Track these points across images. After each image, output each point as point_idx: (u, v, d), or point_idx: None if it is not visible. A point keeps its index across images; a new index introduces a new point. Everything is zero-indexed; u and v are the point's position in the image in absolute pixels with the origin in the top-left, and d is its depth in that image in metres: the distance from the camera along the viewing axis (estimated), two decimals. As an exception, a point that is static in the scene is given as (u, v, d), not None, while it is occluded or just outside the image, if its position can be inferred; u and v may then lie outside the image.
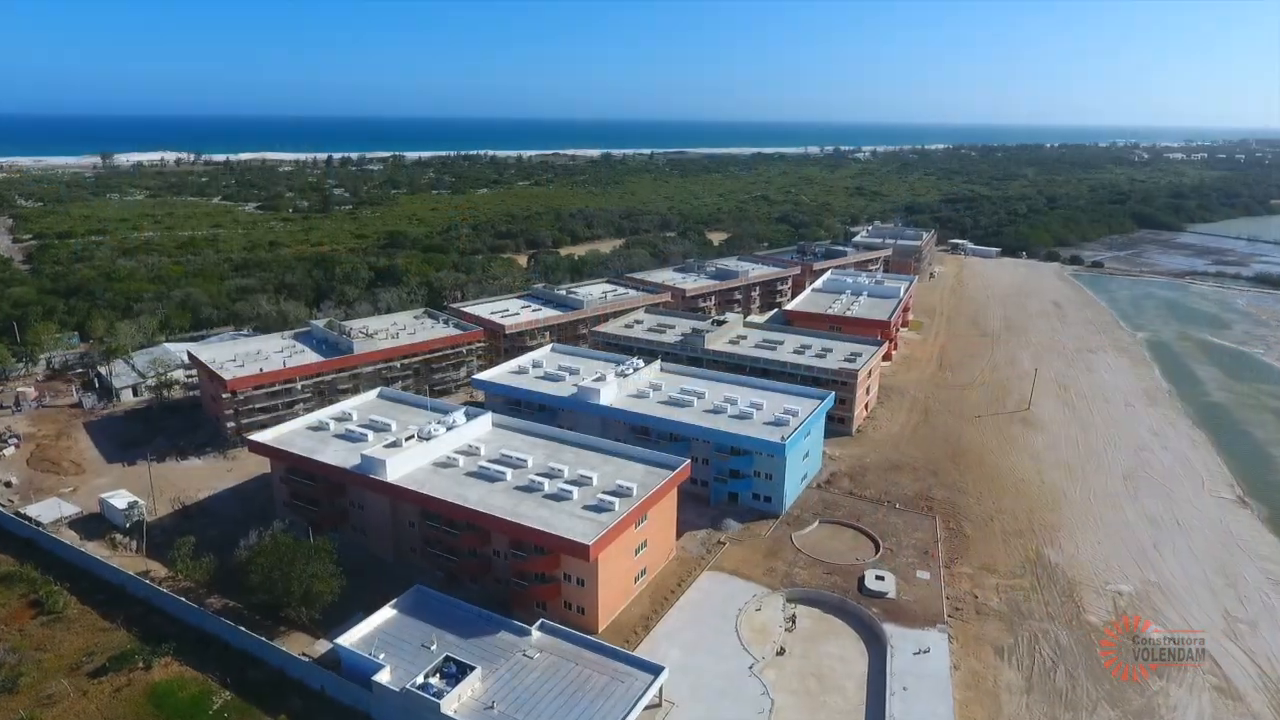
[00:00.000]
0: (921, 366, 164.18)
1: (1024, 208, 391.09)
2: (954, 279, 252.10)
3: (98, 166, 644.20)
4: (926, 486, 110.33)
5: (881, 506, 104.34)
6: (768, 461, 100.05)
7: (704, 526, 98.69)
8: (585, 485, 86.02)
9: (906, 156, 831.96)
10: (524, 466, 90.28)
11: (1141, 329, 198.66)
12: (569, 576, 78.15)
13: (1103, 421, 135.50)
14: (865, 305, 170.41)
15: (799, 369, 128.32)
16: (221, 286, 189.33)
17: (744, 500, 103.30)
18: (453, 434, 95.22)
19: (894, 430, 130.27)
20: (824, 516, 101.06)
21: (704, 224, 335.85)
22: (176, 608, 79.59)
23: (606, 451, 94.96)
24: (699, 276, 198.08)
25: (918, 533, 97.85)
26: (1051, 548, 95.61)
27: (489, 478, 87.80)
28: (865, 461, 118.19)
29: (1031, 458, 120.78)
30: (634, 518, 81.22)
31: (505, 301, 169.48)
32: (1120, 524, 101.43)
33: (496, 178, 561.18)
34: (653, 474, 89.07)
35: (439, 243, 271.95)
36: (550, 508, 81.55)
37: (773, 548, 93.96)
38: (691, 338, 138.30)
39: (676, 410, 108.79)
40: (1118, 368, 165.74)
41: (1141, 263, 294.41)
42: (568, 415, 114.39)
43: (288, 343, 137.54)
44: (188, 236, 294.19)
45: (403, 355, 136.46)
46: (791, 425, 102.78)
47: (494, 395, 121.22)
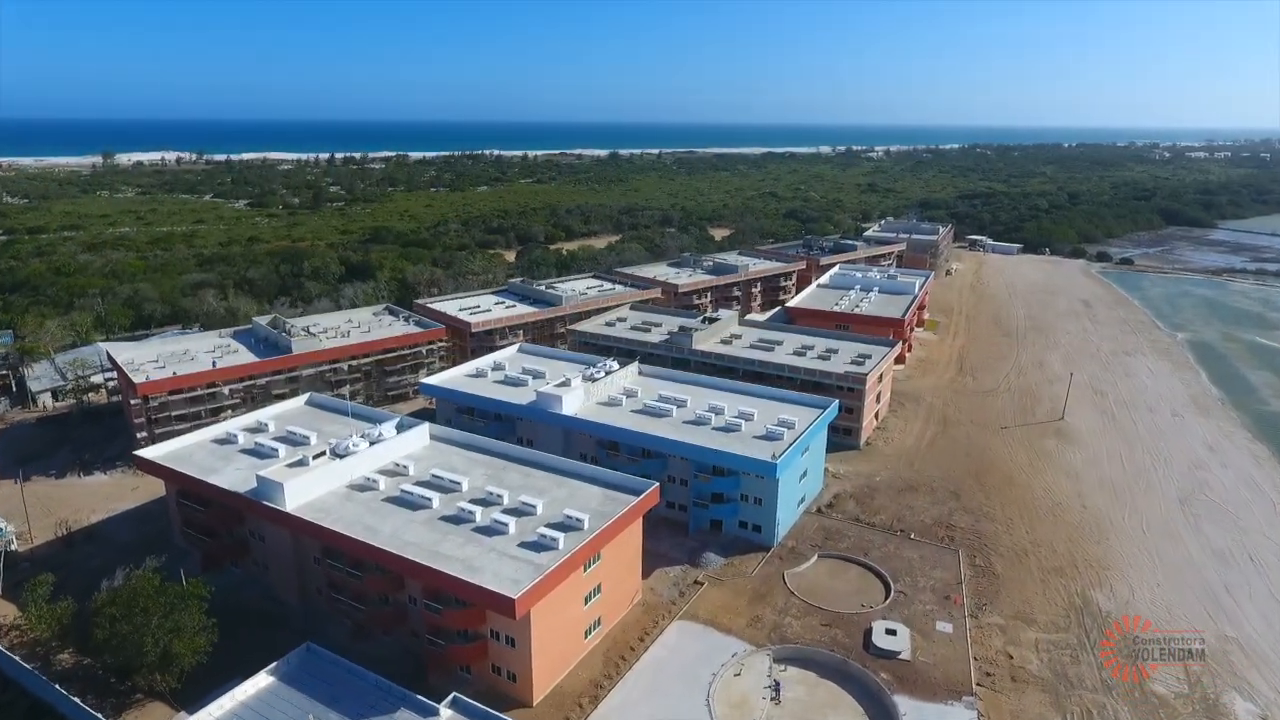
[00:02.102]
0: (939, 370, 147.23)
1: (1045, 203, 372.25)
2: (973, 276, 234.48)
3: (97, 166, 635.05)
4: (947, 512, 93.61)
5: (894, 536, 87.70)
6: (756, 484, 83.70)
7: (679, 561, 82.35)
8: (527, 515, 69.96)
9: (920, 156, 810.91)
10: (457, 491, 74.36)
11: (1181, 329, 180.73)
12: (497, 635, 62.08)
13: (1148, 433, 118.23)
14: (876, 302, 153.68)
15: (799, 373, 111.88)
16: (176, 282, 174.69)
17: (729, 529, 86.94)
18: (377, 450, 79.43)
19: (908, 443, 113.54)
20: (824, 549, 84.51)
21: (707, 220, 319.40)
22: (11, 668, 64.11)
23: (560, 472, 78.88)
24: (695, 271, 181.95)
25: (937, 570, 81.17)
26: (1100, 590, 78.70)
27: (411, 504, 71.92)
28: (875, 481, 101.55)
29: (1069, 476, 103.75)
30: (583, 558, 65.10)
31: (479, 297, 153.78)
32: (1181, 560, 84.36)
33: (498, 176, 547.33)
34: (612, 500, 72.95)
35: (425, 238, 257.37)
36: (478, 545, 65.55)
37: (760, 589, 77.54)
38: (678, 337, 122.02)
39: (652, 421, 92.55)
40: (1159, 372, 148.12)
41: (1173, 259, 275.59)
42: (526, 426, 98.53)
43: (224, 342, 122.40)
44: (164, 232, 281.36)
45: (351, 356, 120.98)
46: (786, 440, 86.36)
47: (444, 402, 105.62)
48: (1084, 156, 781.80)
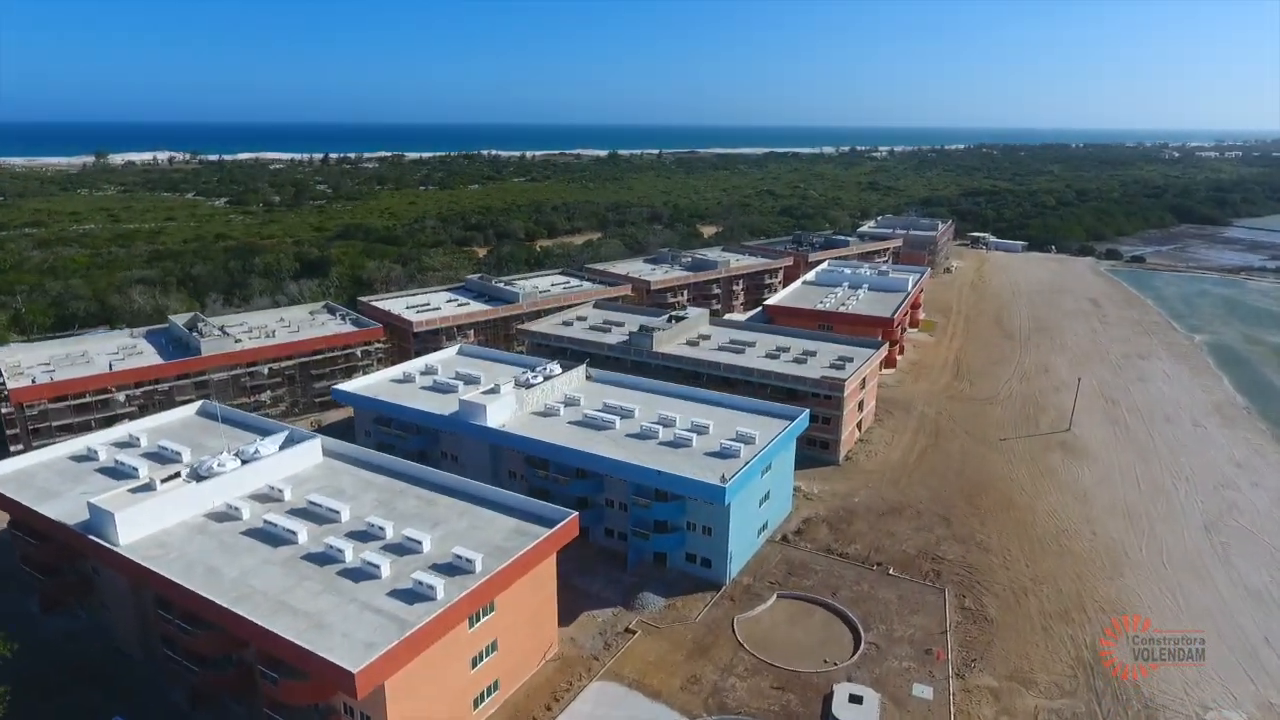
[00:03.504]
0: (933, 374, 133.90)
1: (1052, 200, 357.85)
2: (974, 274, 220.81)
3: (88, 165, 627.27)
4: (934, 540, 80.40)
5: (869, 571, 74.54)
6: (704, 510, 70.68)
7: (612, 603, 69.37)
8: (411, 553, 57.13)
9: (925, 155, 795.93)
10: (334, 521, 61.58)
11: (1199, 330, 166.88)
12: (350, 712, 49.25)
13: (1166, 447, 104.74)
14: (865, 300, 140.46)
15: (770, 378, 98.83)
16: (113, 279, 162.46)
17: (674, 563, 73.91)
18: (250, 470, 66.71)
19: (894, 458, 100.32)
20: (784, 588, 71.38)
21: (698, 217, 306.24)
22: None
23: (469, 497, 65.96)
24: (672, 267, 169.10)
25: (918, 615, 67.97)
26: (1115, 641, 65.36)
27: (275, 539, 59.13)
28: (853, 502, 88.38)
29: (1077, 498, 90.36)
30: (468, 610, 52.21)
31: (430, 295, 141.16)
32: (1210, 603, 71.00)
33: (492, 175, 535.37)
34: (521, 534, 60.04)
35: (398, 235, 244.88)
36: (337, 594, 52.73)
37: (704, 639, 64.48)
38: (637, 338, 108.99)
39: (590, 435, 79.58)
40: (1177, 377, 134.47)
41: (1187, 257, 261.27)
42: (450, 440, 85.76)
43: (131, 342, 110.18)
44: (131, 229, 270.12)
45: (271, 358, 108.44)
46: (742, 458, 73.36)
47: (362, 411, 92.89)
48: (1092, 156, 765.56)
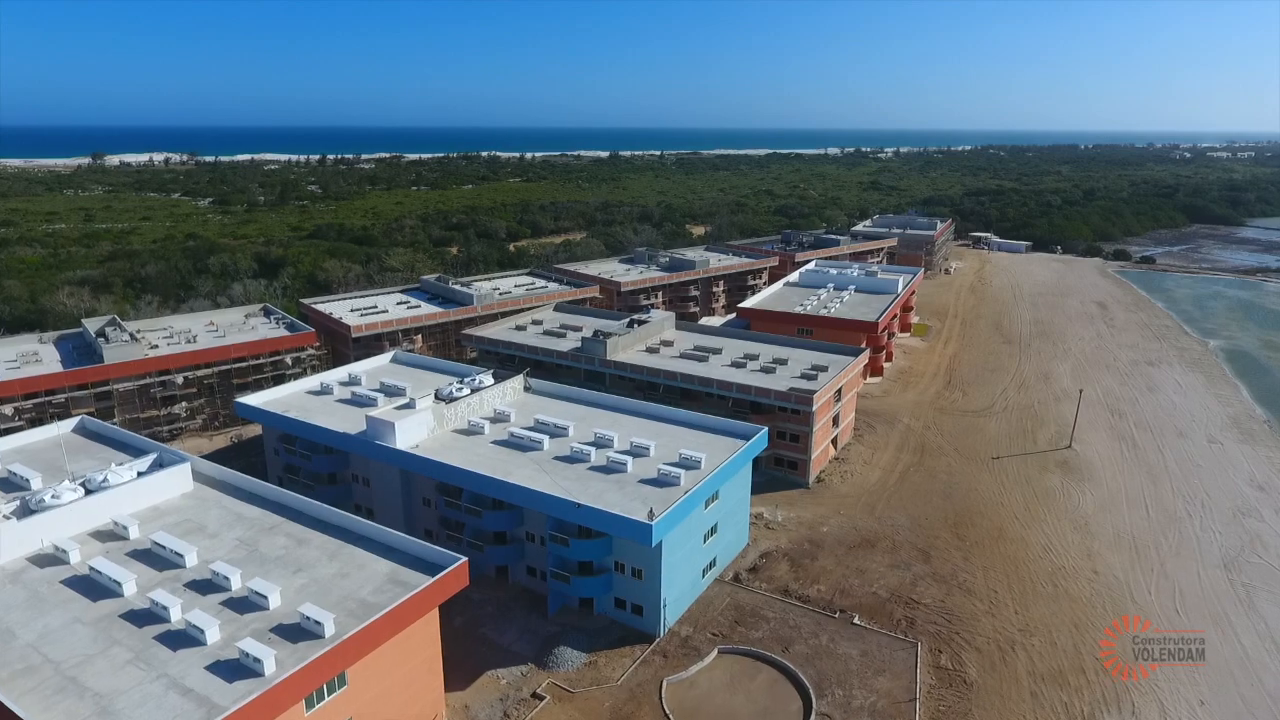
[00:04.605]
0: (923, 383, 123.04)
1: (1058, 200, 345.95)
2: (974, 275, 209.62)
3: (83, 166, 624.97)
4: (909, 580, 69.63)
5: (831, 619, 63.83)
6: (633, 550, 60.15)
7: (523, 658, 58.87)
8: (253, 610, 46.82)
9: (931, 156, 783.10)
10: (177, 567, 51.38)
11: (1213, 335, 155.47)
12: (137, 822, 38.92)
13: (1178, 466, 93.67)
14: (850, 303, 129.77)
15: (731, 390, 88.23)
16: (54, 280, 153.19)
17: (602, 608, 63.39)
18: (85, 505, 56.49)
19: (872, 480, 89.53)
20: (728, 641, 60.73)
21: (690, 217, 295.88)
22: None
23: (345, 534, 55.52)
24: (648, 268, 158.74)
25: (883, 677, 57.22)
26: (1117, 713, 54.57)
27: (96, 591, 48.90)
28: (820, 532, 77.68)
29: (1076, 528, 79.43)
30: (304, 687, 41.78)
31: (379, 297, 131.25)
32: (1233, 659, 60.00)
33: (487, 175, 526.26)
34: (395, 583, 49.64)
35: (373, 235, 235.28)
36: (144, 665, 42.34)
37: (623, 709, 53.92)
38: (590, 344, 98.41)
39: (512, 458, 69.07)
40: (1190, 386, 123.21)
41: (1199, 258, 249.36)
42: (360, 462, 75.47)
43: (35, 348, 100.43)
44: (102, 229, 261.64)
45: (185, 366, 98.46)
46: (681, 487, 62.80)
47: (269, 428, 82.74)
48: (1101, 157, 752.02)
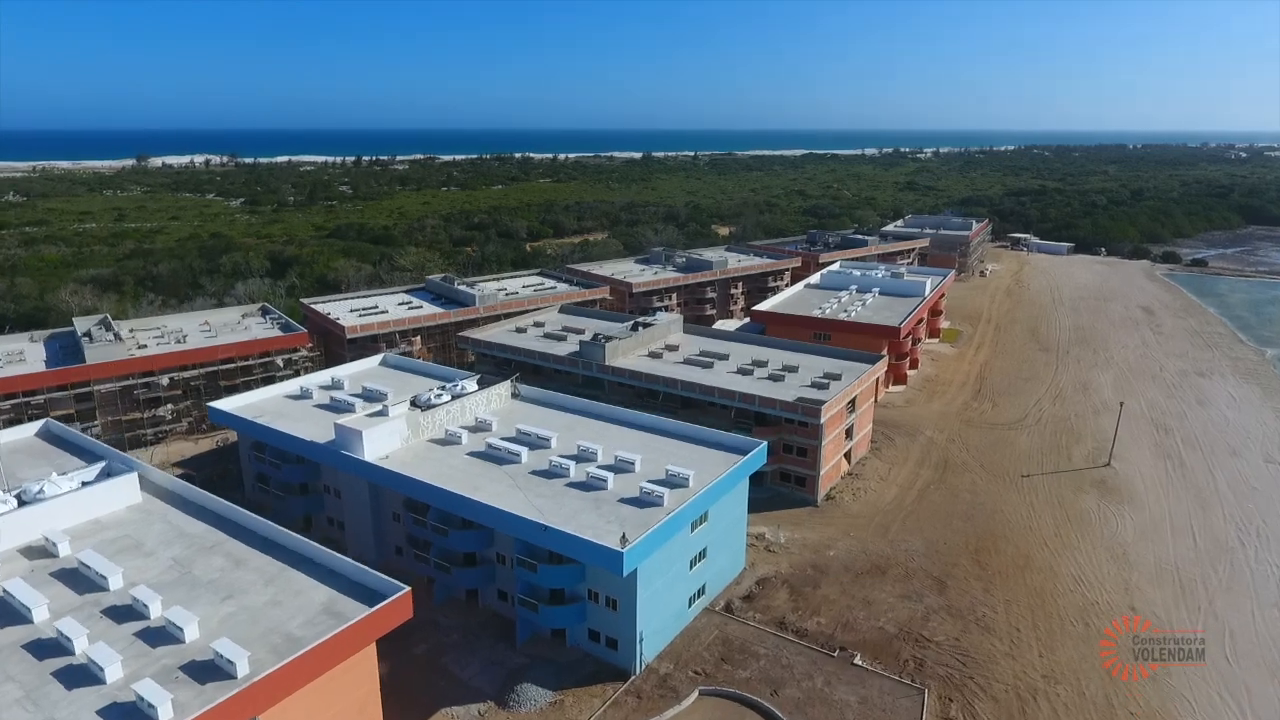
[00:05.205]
0: (950, 393, 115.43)
1: (1104, 200, 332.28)
2: (1011, 278, 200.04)
3: (126, 168, 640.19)
4: (921, 613, 62.87)
5: (830, 658, 57.41)
6: (607, 578, 54.46)
7: (483, 695, 53.51)
8: (168, 643, 42.15)
9: (972, 156, 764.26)
10: (100, 590, 47.04)
11: (1271, 344, 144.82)
12: None
13: (1231, 490, 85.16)
14: (873, 306, 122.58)
15: (734, 399, 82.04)
16: (64, 278, 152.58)
17: (575, 639, 57.76)
18: (17, 518, 52.52)
19: (887, 498, 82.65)
20: (711, 681, 54.69)
21: (717, 217, 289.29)
22: None
23: (287, 555, 50.73)
24: (664, 268, 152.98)
25: (884, 729, 50.76)
26: None
27: (7, 618, 44.71)
28: (826, 556, 71.17)
29: (1113, 557, 71.79)
30: (208, 739, 36.87)
31: (381, 296, 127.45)
32: (1293, 718, 52.39)
33: (518, 175, 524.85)
34: (329, 614, 44.60)
35: (393, 234, 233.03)
36: (31, 708, 37.81)
37: (587, 759, 48.31)
38: (589, 348, 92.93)
39: (485, 472, 63.81)
40: (1245, 400, 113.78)
41: (1256, 260, 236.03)
42: (330, 472, 70.90)
43: (20, 348, 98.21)
44: (130, 228, 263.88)
45: (171, 366, 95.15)
46: (664, 507, 56.98)
47: (243, 435, 78.70)
48: (1151, 156, 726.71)
